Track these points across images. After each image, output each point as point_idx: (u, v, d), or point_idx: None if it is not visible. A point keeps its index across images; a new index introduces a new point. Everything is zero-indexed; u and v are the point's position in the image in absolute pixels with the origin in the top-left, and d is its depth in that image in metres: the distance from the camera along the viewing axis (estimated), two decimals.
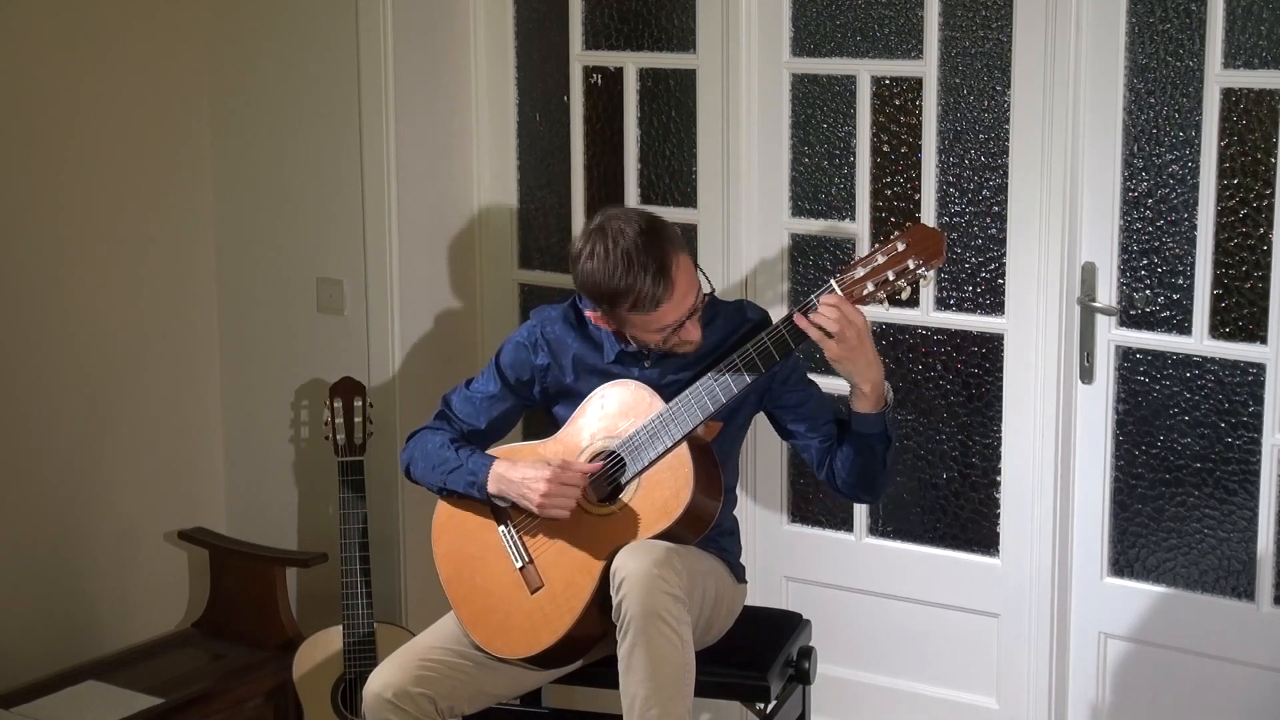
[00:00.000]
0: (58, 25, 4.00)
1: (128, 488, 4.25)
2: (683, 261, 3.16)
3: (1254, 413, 3.52)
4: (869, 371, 3.16)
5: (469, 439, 3.41)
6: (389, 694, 3.21)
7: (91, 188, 4.11)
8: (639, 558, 3.07)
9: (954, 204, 3.76)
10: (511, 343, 3.44)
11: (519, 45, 4.22)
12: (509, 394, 3.43)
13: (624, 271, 3.12)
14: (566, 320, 3.39)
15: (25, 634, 4.05)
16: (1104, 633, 3.74)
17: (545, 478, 3.19)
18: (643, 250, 3.12)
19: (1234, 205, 3.48)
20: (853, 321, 3.09)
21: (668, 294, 3.13)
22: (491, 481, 3.28)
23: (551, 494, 3.19)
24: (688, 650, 3.09)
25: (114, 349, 4.19)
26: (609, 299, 3.16)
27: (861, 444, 3.25)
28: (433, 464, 3.37)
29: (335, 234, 4.20)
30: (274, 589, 4.19)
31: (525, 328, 3.44)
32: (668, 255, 3.13)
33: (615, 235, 3.14)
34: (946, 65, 3.71)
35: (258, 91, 4.26)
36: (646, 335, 3.22)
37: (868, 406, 3.21)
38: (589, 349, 3.36)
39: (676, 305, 3.16)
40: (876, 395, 3.20)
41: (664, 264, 3.12)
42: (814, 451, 3.35)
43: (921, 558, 3.90)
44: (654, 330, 3.19)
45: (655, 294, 3.12)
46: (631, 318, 3.18)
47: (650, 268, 3.11)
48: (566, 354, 3.37)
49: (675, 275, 3.13)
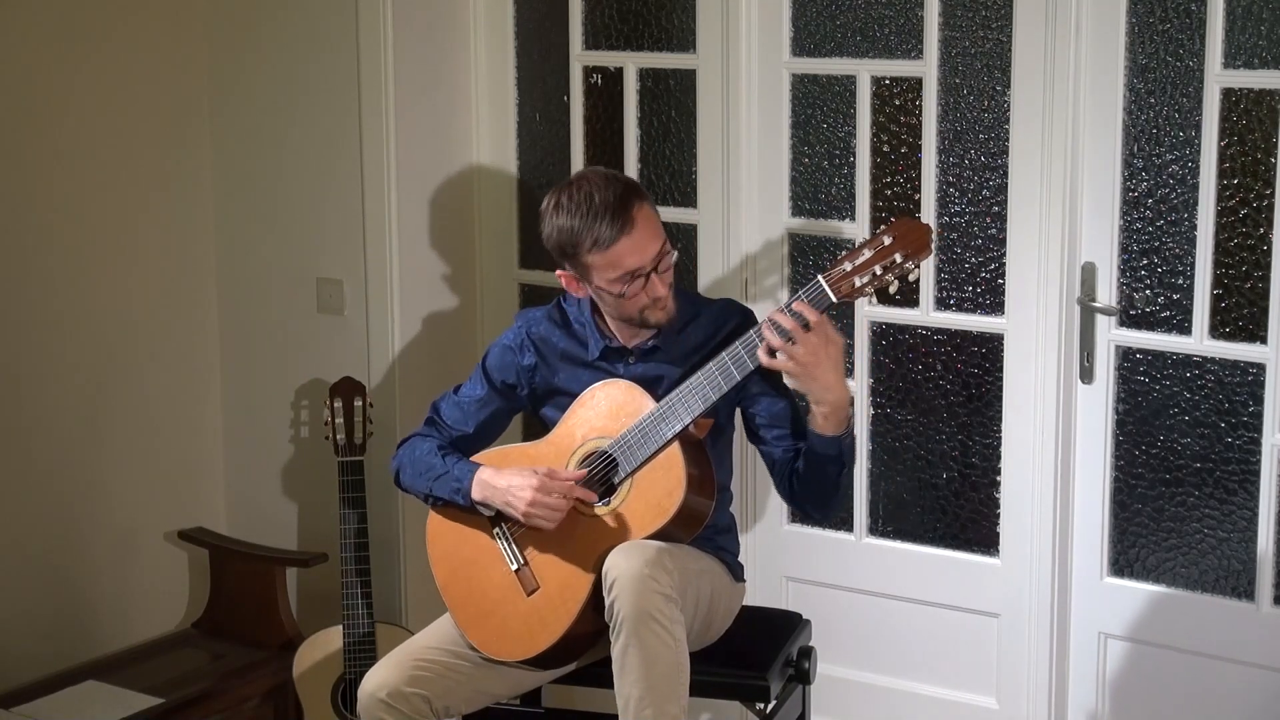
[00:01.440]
0: (57, 24, 4.00)
1: (128, 488, 4.25)
2: (645, 207, 3.21)
3: (1254, 413, 3.51)
4: (826, 393, 3.14)
5: (458, 445, 3.41)
6: (383, 694, 3.21)
7: (91, 187, 4.11)
8: (630, 558, 3.07)
9: (954, 204, 3.76)
10: (497, 346, 3.45)
11: (519, 45, 4.22)
12: (496, 397, 3.43)
13: (585, 211, 3.18)
14: (551, 319, 3.41)
15: (25, 634, 4.05)
16: (1104, 633, 3.74)
17: (531, 486, 3.19)
18: (603, 190, 3.19)
19: (1234, 205, 3.48)
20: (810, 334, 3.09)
21: (627, 229, 3.16)
22: (476, 488, 3.28)
23: (537, 503, 3.19)
24: (681, 650, 3.08)
25: (114, 349, 4.19)
26: (572, 241, 3.19)
27: (814, 462, 3.24)
28: (419, 470, 3.37)
29: (335, 234, 4.20)
30: (274, 589, 4.19)
31: (510, 331, 3.45)
32: (629, 196, 3.19)
33: (579, 184, 3.23)
34: (946, 65, 3.71)
35: (258, 91, 4.26)
36: (612, 287, 3.21)
37: (823, 427, 3.19)
38: (574, 346, 3.37)
39: (637, 246, 3.17)
40: (836, 419, 3.18)
41: (624, 201, 3.17)
42: (776, 459, 3.34)
43: (921, 558, 3.90)
44: (618, 279, 3.19)
45: (615, 228, 3.16)
46: (593, 261, 3.19)
47: (611, 204, 3.17)
48: (553, 351, 3.38)
49: (635, 214, 3.17)
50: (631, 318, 3.27)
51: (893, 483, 3.93)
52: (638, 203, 3.19)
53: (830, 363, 3.11)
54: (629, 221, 3.17)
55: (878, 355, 3.89)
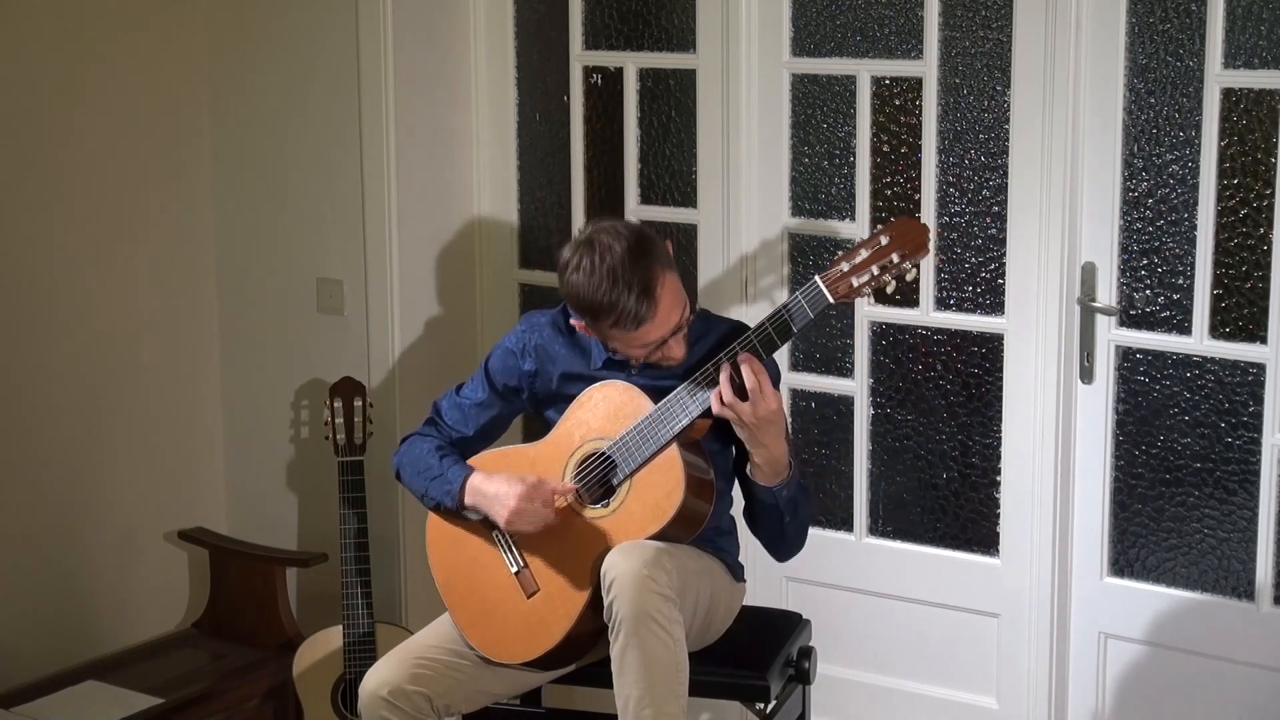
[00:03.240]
0: (58, 25, 4.00)
1: (128, 488, 4.25)
2: (669, 280, 3.14)
3: (1254, 413, 3.51)
4: (759, 449, 3.15)
5: (457, 445, 3.41)
6: (385, 692, 3.21)
7: (92, 187, 4.11)
8: (629, 558, 3.07)
9: (954, 204, 3.76)
10: (501, 349, 3.44)
11: (519, 45, 4.22)
12: (497, 400, 3.43)
13: (609, 288, 3.10)
14: (555, 326, 3.38)
15: (25, 634, 4.05)
16: (1104, 633, 3.74)
17: (516, 494, 3.19)
18: (628, 268, 3.10)
19: (1234, 205, 3.48)
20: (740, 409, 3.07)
21: (651, 313, 3.12)
22: (467, 494, 3.28)
23: (520, 511, 3.18)
24: (680, 650, 3.08)
25: (114, 349, 4.19)
26: (592, 313, 3.15)
27: (758, 505, 3.26)
28: (418, 470, 3.37)
29: (335, 234, 4.20)
30: (274, 589, 4.19)
31: (515, 334, 3.44)
32: (653, 274, 3.11)
33: (603, 251, 3.12)
34: (946, 65, 3.71)
35: (258, 92, 4.26)
36: (629, 350, 3.22)
37: (759, 477, 3.21)
38: (576, 356, 3.36)
39: (659, 324, 3.15)
40: (771, 470, 3.19)
41: (649, 284, 3.10)
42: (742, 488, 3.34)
43: (921, 558, 3.90)
44: (637, 346, 3.19)
45: (638, 313, 3.11)
46: (614, 333, 3.17)
47: (635, 287, 3.09)
48: (554, 361, 3.37)
49: (659, 294, 3.12)
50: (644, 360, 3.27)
51: (893, 483, 3.93)
52: (660, 277, 3.12)
53: (767, 425, 3.10)
54: (654, 304, 3.11)
55: (878, 355, 3.89)
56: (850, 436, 3.92)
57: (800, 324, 3.12)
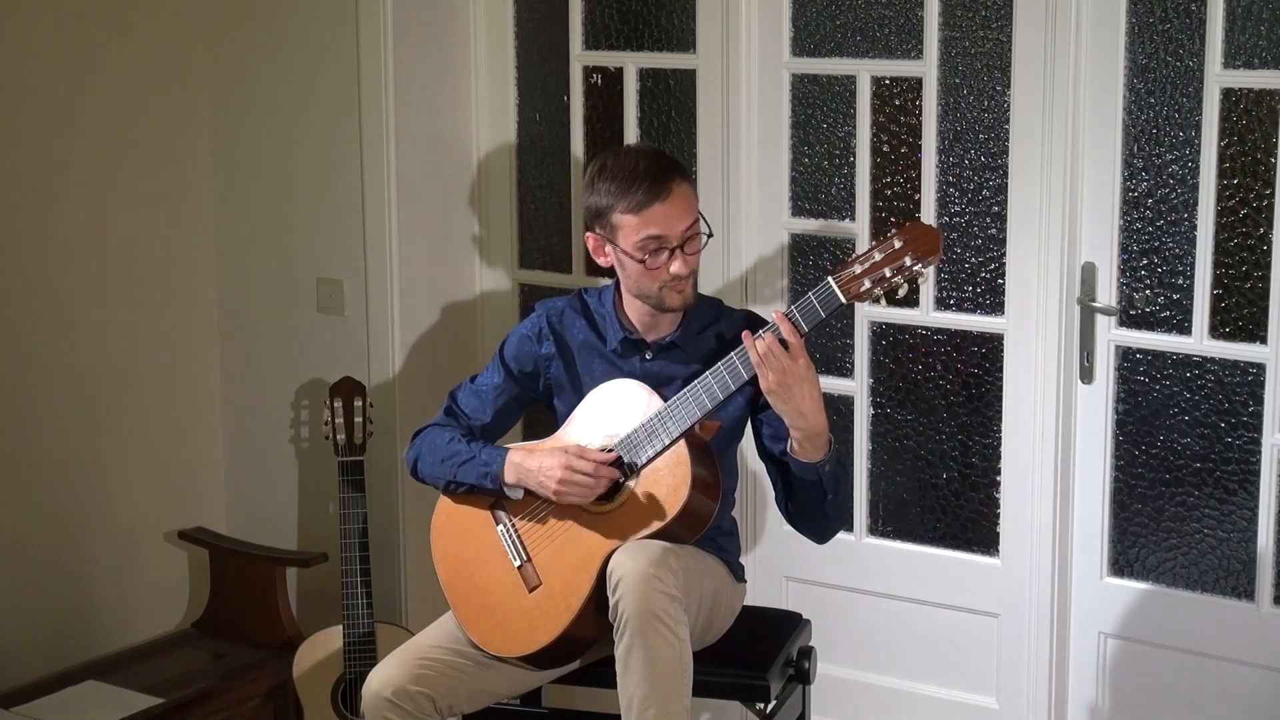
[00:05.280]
0: (58, 26, 4.00)
1: (128, 488, 4.25)
2: (685, 185, 3.26)
3: (1254, 413, 3.52)
4: (799, 418, 3.15)
5: (475, 434, 3.42)
6: (388, 692, 3.21)
7: (92, 188, 4.11)
8: (635, 557, 3.07)
9: (954, 204, 3.76)
10: (516, 335, 3.46)
11: (519, 45, 4.22)
12: (513, 384, 3.44)
13: (628, 173, 3.23)
14: (573, 308, 3.42)
15: (25, 634, 4.05)
16: (1104, 632, 3.74)
17: (561, 464, 3.20)
18: (650, 158, 3.27)
19: (1234, 205, 3.48)
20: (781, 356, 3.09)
21: (662, 196, 3.20)
22: (509, 471, 3.28)
23: (567, 480, 3.20)
24: (685, 650, 3.08)
25: (114, 349, 4.19)
26: (608, 199, 3.23)
27: (798, 486, 3.26)
28: (442, 457, 3.38)
29: (335, 234, 4.20)
30: (274, 589, 4.19)
31: (530, 320, 3.46)
32: (672, 170, 3.25)
33: (627, 151, 3.34)
34: (946, 65, 3.71)
35: (258, 92, 4.26)
36: (636, 252, 3.22)
37: (799, 453, 3.21)
38: (594, 336, 3.38)
39: (669, 215, 3.21)
40: (812, 446, 3.18)
41: (666, 172, 3.23)
42: (778, 476, 3.35)
43: (921, 558, 3.90)
44: (643, 242, 3.21)
45: (650, 193, 3.20)
46: (624, 220, 3.21)
47: (652, 172, 3.22)
48: (573, 340, 3.40)
49: (673, 186, 3.22)
50: (649, 295, 3.27)
51: (893, 483, 3.93)
52: (679, 178, 3.25)
53: (804, 385, 3.11)
54: (666, 190, 3.21)
55: (878, 355, 3.90)
56: (850, 436, 3.93)
57: (811, 323, 3.13)
